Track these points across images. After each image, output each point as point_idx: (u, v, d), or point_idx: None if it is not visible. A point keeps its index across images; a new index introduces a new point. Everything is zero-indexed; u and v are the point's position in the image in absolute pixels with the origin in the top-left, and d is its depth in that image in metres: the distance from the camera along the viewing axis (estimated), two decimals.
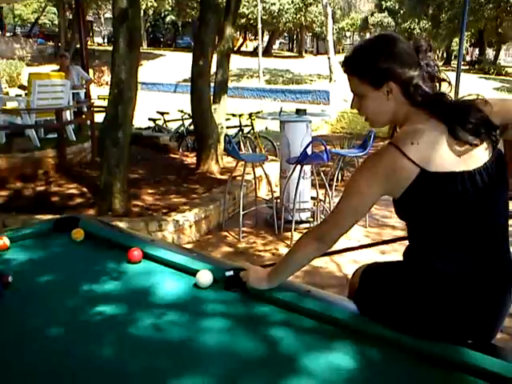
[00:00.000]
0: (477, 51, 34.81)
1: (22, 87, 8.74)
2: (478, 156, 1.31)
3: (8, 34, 35.82)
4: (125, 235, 2.23)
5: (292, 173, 4.68)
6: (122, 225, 3.96)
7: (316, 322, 1.50)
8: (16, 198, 4.95)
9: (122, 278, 1.81)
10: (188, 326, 1.50)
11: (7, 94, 9.53)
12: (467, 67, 28.30)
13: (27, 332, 1.45)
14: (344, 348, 1.38)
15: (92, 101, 8.31)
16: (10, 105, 7.98)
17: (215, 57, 6.71)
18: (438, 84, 1.40)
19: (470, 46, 36.52)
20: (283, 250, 4.21)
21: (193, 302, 1.64)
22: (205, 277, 1.70)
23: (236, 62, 24.74)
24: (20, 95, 7.89)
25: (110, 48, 4.48)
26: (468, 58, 34.16)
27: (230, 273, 1.69)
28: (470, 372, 1.25)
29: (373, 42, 1.44)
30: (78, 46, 9.15)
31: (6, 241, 1.98)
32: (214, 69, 6.67)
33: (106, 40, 41.79)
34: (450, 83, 1.41)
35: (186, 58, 6.30)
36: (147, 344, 1.40)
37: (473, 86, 18.25)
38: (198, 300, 1.65)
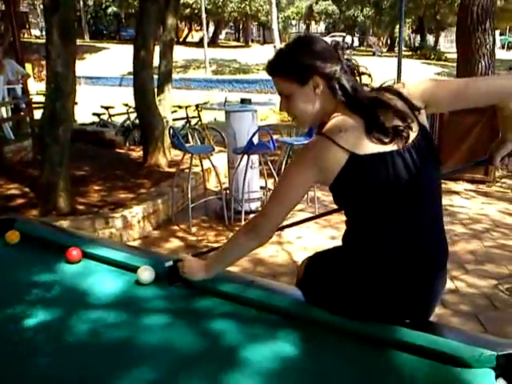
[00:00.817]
0: (418, 37, 35.87)
1: None
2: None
3: None
4: (63, 234, 2.16)
5: (239, 163, 4.67)
6: (66, 224, 3.84)
7: (259, 312, 1.50)
8: None
9: (61, 279, 1.75)
10: (129, 324, 1.46)
11: None
12: (410, 53, 29.11)
13: None
14: (287, 336, 1.39)
15: (30, 97, 7.95)
16: None
17: (158, 48, 6.58)
18: (358, 77, 1.45)
19: (411, 33, 37.61)
20: None
21: (134, 300, 1.60)
22: (146, 273, 1.67)
23: (182, 53, 24.43)
24: None
25: None
26: (416, 44, 35.11)
27: (169, 263, 1.66)
28: (404, 349, 1.29)
29: (293, 43, 1.48)
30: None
31: None
32: (157, 60, 6.53)
33: (43, 32, 40.09)
34: (369, 76, 1.46)
35: (131, 51, 6.13)
36: (86, 346, 1.36)
37: (415, 71, 18.85)
38: (140, 297, 1.61)
